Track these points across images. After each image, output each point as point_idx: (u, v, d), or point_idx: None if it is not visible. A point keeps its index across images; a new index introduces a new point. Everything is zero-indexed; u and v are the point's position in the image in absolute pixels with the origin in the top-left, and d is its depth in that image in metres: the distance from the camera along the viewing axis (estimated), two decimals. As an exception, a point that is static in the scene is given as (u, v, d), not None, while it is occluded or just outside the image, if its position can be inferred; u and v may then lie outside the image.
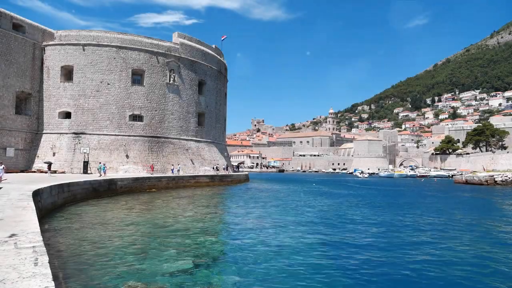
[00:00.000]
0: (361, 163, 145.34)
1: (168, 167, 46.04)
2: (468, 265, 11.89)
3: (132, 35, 46.77)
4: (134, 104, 45.63)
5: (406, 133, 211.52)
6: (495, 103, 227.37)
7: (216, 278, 10.45)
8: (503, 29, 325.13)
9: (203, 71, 52.93)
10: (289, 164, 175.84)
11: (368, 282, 10.26)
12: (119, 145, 44.03)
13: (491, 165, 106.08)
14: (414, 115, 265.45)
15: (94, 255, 12.23)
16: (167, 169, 45.66)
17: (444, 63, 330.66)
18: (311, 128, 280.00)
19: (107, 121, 44.22)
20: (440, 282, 10.29)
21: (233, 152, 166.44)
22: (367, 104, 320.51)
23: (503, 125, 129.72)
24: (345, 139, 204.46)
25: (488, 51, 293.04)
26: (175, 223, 19.10)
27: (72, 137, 43.01)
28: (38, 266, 5.36)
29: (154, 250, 13.20)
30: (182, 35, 51.64)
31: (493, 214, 24.93)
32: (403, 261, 12.26)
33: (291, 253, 13.13)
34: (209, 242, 14.95)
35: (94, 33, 45.13)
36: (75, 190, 26.09)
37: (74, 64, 43.90)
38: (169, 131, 48.17)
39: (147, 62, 46.40)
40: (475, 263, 12.23)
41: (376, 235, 16.76)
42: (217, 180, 48.79)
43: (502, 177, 57.95)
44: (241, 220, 20.93)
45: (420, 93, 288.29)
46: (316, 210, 25.72)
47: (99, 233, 15.88)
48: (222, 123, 60.48)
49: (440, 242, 15.30)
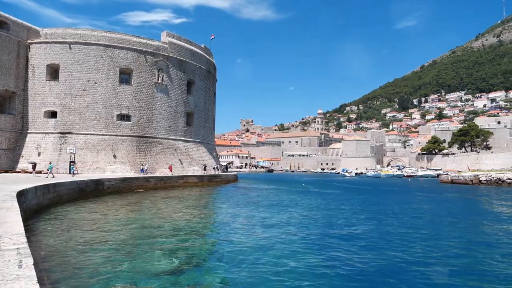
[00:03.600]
0: (349, 163, 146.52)
1: (157, 167, 45.70)
2: (453, 264, 12.10)
3: (120, 33, 46.28)
4: (122, 103, 45.16)
5: (394, 133, 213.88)
6: (480, 104, 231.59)
7: (205, 279, 10.41)
8: (488, 32, 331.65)
9: (192, 70, 52.67)
10: (278, 164, 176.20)
11: (356, 280, 10.35)
12: (107, 145, 43.52)
13: (476, 165, 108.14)
14: (401, 115, 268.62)
15: (81, 256, 12.07)
16: (156, 169, 45.32)
17: (430, 64, 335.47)
18: (300, 128, 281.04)
19: (94, 120, 43.67)
20: (427, 280, 10.44)
21: (222, 152, 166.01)
22: (355, 104, 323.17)
23: (488, 126, 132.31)
24: (334, 139, 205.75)
25: (473, 53, 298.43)
26: (163, 223, 18.97)
27: (58, 137, 42.35)
28: (22, 268, 5.26)
29: (142, 251, 13.08)
30: (170, 34, 51.31)
31: (480, 214, 25.40)
32: (391, 259, 12.40)
33: (280, 253, 13.16)
34: (198, 243, 14.89)
35: (81, 31, 44.53)
36: (61, 191, 25.69)
37: (60, 63, 43.23)
38: (157, 131, 47.81)
39: (135, 61, 45.96)
40: (460, 261, 12.44)
41: (363, 234, 16.92)
42: (205, 180, 48.61)
43: (486, 177, 59.10)
44: (229, 220, 20.90)
45: (407, 94, 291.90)
46: (305, 210, 25.83)
47: (86, 234, 15.67)
48: (211, 123, 60.29)
49: (425, 240, 15.53)
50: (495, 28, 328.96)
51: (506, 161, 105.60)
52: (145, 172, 42.37)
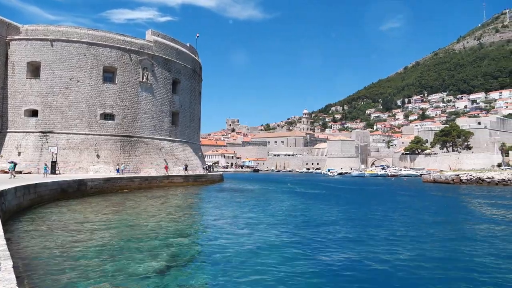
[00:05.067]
0: (335, 162, 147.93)
1: (141, 167, 45.17)
2: (434, 262, 12.31)
3: (104, 31, 45.55)
4: (106, 102, 44.45)
5: (378, 134, 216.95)
6: (461, 105, 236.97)
7: (190, 280, 10.32)
8: (469, 34, 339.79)
9: (177, 69, 52.25)
10: (264, 164, 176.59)
11: (341, 280, 10.42)
12: (90, 144, 42.78)
13: (457, 164, 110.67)
14: (385, 116, 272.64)
15: (63, 258, 11.81)
16: (140, 169, 44.78)
17: (414, 66, 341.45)
18: (286, 128, 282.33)
19: (76, 119, 42.87)
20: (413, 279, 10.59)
21: (208, 152, 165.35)
22: (340, 105, 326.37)
23: (468, 127, 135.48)
24: (319, 139, 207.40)
25: (455, 55, 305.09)
26: (147, 224, 18.75)
27: (39, 136, 41.40)
28: (1, 271, 5.10)
29: (125, 252, 12.89)
30: (156, 32, 50.77)
31: (460, 212, 25.95)
32: (377, 258, 12.53)
33: (264, 253, 13.15)
34: (182, 243, 14.77)
35: (63, 28, 43.62)
36: (42, 191, 25.11)
37: (42, 60, 42.28)
38: (142, 131, 47.25)
39: (119, 60, 45.31)
40: (440, 260, 12.67)
41: (348, 234, 17.07)
42: (191, 180, 48.31)
43: (467, 176, 60.50)
44: (214, 221, 20.81)
45: (391, 95, 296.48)
46: (290, 210, 25.93)
47: (68, 236, 15.35)
48: (197, 123, 59.95)
49: (408, 237, 15.77)
50: (476, 31, 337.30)
51: (485, 160, 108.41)
52: (122, 172, 40.47)
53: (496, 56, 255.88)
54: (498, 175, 58.24)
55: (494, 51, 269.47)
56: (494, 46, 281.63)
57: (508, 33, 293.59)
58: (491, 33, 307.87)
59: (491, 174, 59.76)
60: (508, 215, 23.59)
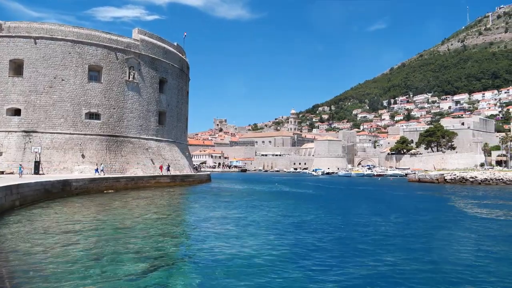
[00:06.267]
0: (322, 162, 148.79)
1: (127, 167, 44.61)
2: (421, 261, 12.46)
3: (89, 29, 44.83)
4: (91, 101, 43.76)
5: (364, 134, 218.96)
6: (445, 106, 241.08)
7: (176, 281, 10.21)
8: (453, 36, 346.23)
9: (164, 69, 51.78)
10: (252, 164, 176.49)
11: (326, 281, 10.45)
12: (74, 144, 42.05)
13: (441, 164, 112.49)
14: (371, 116, 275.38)
15: (46, 261, 11.55)
16: (126, 169, 44.23)
17: (399, 67, 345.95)
18: (273, 128, 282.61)
19: (61, 119, 42.08)
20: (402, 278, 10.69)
21: (195, 151, 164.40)
22: (328, 105, 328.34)
23: (452, 127, 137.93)
24: (306, 139, 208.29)
25: (440, 57, 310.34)
26: (133, 225, 18.51)
27: (22, 136, 40.50)
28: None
29: (111, 253, 12.69)
30: (142, 31, 50.21)
31: (445, 211, 26.38)
32: (363, 259, 12.62)
33: (252, 253, 13.11)
34: (169, 244, 14.62)
35: (47, 26, 42.77)
36: (25, 192, 24.55)
37: (25, 58, 41.37)
38: (128, 130, 46.66)
39: (105, 58, 44.65)
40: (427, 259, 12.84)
41: (333, 235, 17.16)
42: (178, 180, 47.94)
43: (451, 176, 61.60)
44: (201, 221, 20.68)
45: (377, 95, 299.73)
46: (277, 210, 25.95)
47: (52, 237, 15.04)
48: (184, 122, 59.53)
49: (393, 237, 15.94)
50: (460, 33, 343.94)
51: (469, 160, 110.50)
52: (100, 172, 38.97)
53: (479, 58, 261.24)
54: (481, 175, 59.48)
55: (477, 53, 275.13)
56: (477, 48, 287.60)
57: (490, 35, 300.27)
58: (475, 36, 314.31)
59: (474, 173, 60.98)
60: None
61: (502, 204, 30.75)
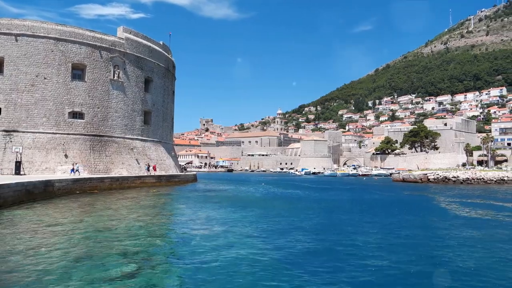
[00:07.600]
0: (308, 162, 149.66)
1: (112, 167, 43.97)
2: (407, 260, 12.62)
3: (73, 27, 44.00)
4: (75, 100, 42.96)
5: (350, 134, 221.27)
6: (429, 107, 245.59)
7: (161, 282, 10.09)
8: (436, 39, 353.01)
9: (150, 68, 51.23)
10: (238, 164, 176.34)
11: (313, 282, 10.48)
12: (57, 144, 41.21)
13: (425, 164, 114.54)
14: (357, 116, 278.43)
15: (27, 264, 11.26)
16: (111, 170, 43.58)
17: (384, 68, 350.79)
18: (260, 128, 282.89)
19: (43, 118, 41.19)
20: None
21: (181, 151, 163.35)
22: (314, 105, 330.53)
23: (436, 127, 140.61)
24: (293, 139, 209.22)
25: (423, 58, 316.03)
26: (117, 226, 18.23)
27: (2, 135, 39.46)
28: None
29: (95, 255, 12.45)
30: (127, 29, 49.55)
31: (428, 210, 26.83)
32: (349, 259, 12.71)
33: (237, 253, 13.06)
34: (154, 245, 14.46)
35: (29, 23, 41.79)
36: (5, 193, 23.88)
37: (5, 56, 40.33)
38: (112, 130, 45.99)
39: (89, 57, 43.90)
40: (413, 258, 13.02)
41: (315, 236, 17.25)
42: (164, 181, 47.50)
43: (434, 175, 62.72)
44: (187, 221, 20.52)
45: (363, 96, 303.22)
46: (263, 210, 25.96)
47: (33, 240, 14.68)
48: (170, 122, 59.03)
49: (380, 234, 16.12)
50: (443, 35, 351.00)
51: (451, 160, 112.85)
52: (75, 173, 37.73)
53: (461, 60, 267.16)
54: (463, 174, 60.80)
55: (460, 55, 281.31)
56: (459, 51, 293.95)
57: (472, 38, 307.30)
58: (457, 38, 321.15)
59: (456, 173, 62.25)
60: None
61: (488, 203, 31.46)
